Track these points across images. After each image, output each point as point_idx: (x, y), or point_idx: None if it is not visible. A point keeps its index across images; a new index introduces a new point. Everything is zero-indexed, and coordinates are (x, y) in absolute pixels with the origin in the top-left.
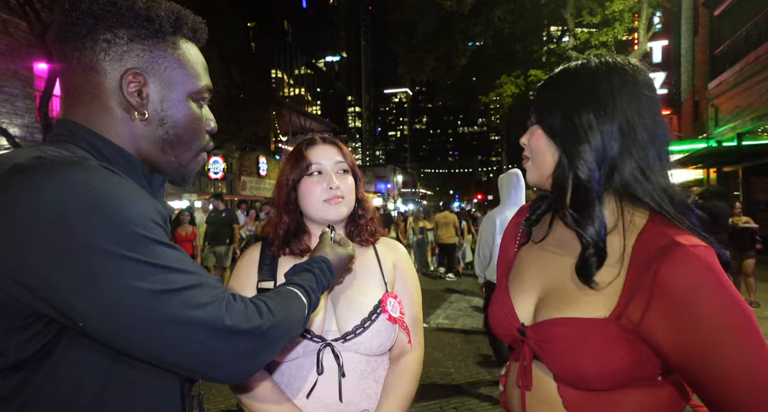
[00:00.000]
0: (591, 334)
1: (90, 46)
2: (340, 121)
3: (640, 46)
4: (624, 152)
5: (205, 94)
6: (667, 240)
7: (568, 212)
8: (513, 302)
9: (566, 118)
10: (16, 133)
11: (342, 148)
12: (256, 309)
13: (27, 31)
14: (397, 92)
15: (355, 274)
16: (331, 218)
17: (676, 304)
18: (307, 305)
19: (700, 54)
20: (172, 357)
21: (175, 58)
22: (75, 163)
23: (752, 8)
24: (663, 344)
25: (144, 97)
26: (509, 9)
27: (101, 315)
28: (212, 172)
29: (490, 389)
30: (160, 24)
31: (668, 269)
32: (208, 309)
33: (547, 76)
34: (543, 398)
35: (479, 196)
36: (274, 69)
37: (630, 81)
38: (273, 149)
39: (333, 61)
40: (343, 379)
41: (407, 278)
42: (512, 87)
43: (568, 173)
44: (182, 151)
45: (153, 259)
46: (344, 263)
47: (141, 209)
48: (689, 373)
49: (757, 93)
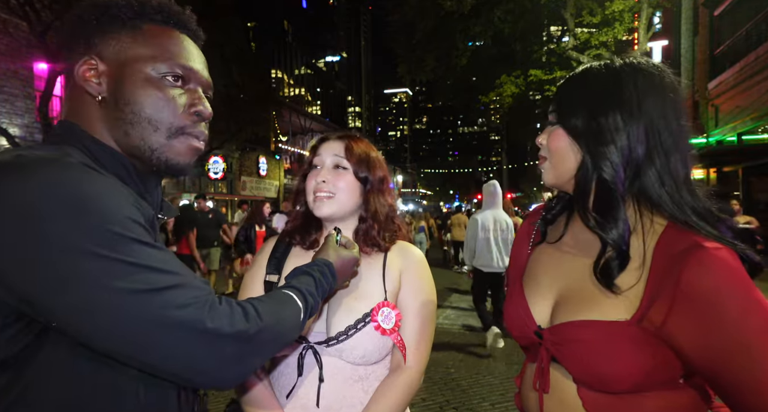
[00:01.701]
0: (612, 336)
1: (73, 48)
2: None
3: (640, 46)
4: (647, 156)
5: (176, 70)
6: (688, 243)
7: (590, 214)
8: (529, 304)
9: (591, 119)
10: (16, 133)
11: (350, 145)
12: (243, 312)
13: (27, 31)
14: (397, 92)
15: (357, 278)
16: (318, 215)
17: (700, 307)
18: (303, 309)
19: (700, 54)
20: (152, 360)
21: (130, 38)
22: (53, 162)
23: (752, 8)
24: (686, 346)
25: (101, 83)
26: (509, 9)
27: (78, 315)
28: (212, 172)
29: (490, 389)
30: (118, 10)
31: (691, 272)
32: (188, 311)
33: (568, 76)
34: (562, 400)
35: (479, 196)
36: (274, 69)
37: (656, 83)
38: (273, 149)
39: (333, 61)
40: (322, 384)
41: (416, 289)
42: (512, 87)
43: (592, 175)
44: (147, 133)
45: (130, 258)
46: (348, 266)
47: (117, 207)
48: (713, 376)
49: (757, 93)
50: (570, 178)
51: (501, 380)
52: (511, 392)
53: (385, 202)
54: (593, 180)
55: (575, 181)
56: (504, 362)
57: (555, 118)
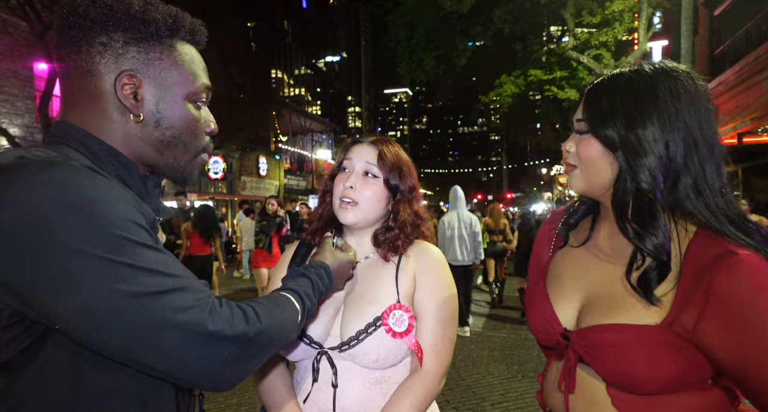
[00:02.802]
0: (643, 340)
1: (86, 49)
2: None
3: (640, 46)
4: (685, 166)
5: (203, 95)
6: (719, 249)
7: (630, 225)
8: (553, 306)
9: (628, 130)
10: (16, 133)
11: (384, 152)
12: (243, 315)
13: (27, 31)
14: (397, 92)
15: (370, 281)
16: (342, 222)
17: (731, 312)
18: (301, 311)
19: (700, 54)
20: (153, 362)
21: (172, 60)
22: (56, 164)
23: (752, 8)
24: (717, 350)
25: (139, 99)
26: (509, 9)
27: (79, 317)
28: (212, 172)
29: (490, 389)
30: (156, 27)
31: (723, 278)
32: (189, 313)
33: (596, 83)
34: (589, 398)
35: (479, 196)
36: (274, 69)
37: (690, 91)
38: (273, 149)
39: (333, 61)
40: (339, 389)
41: (433, 290)
42: (512, 87)
43: (630, 186)
44: (180, 153)
45: (133, 261)
46: (345, 268)
47: (121, 210)
48: (743, 378)
49: (757, 93)
50: (603, 187)
51: (501, 380)
52: (511, 392)
53: (413, 211)
54: (632, 191)
55: (613, 192)
56: (504, 362)
57: (586, 126)
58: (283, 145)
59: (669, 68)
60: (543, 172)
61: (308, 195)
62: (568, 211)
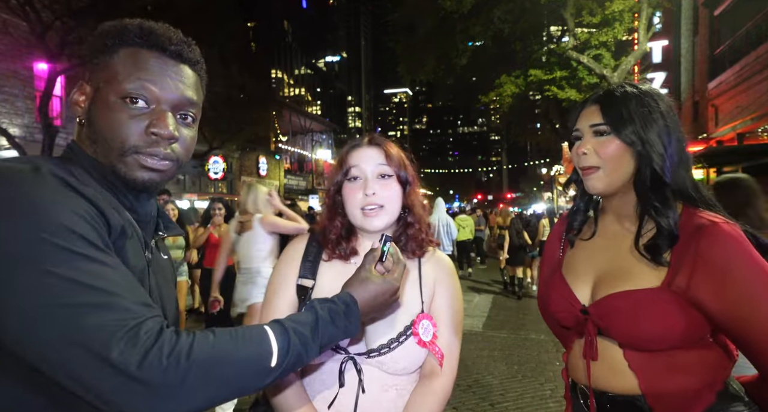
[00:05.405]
0: (648, 301)
1: (79, 75)
2: (340, 121)
3: (640, 46)
4: (678, 157)
5: (133, 94)
6: (702, 220)
7: (653, 204)
8: (572, 289)
9: (647, 130)
10: (16, 134)
11: (388, 150)
12: (170, 351)
13: (27, 31)
14: (397, 92)
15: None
16: (372, 229)
17: (715, 269)
18: (277, 353)
19: (700, 54)
20: (59, 377)
21: (105, 64)
22: (18, 172)
23: (752, 8)
24: (707, 304)
25: (83, 105)
26: (509, 9)
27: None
28: (212, 173)
29: (490, 389)
30: (105, 39)
31: (707, 242)
32: (97, 334)
33: (606, 94)
34: (610, 366)
35: (479, 196)
36: (274, 69)
37: (670, 105)
38: (273, 149)
39: (333, 61)
40: (362, 394)
41: (450, 299)
42: (512, 87)
43: (648, 173)
44: (104, 149)
45: (53, 267)
46: (381, 299)
47: (56, 214)
48: (732, 326)
49: (757, 93)
50: (622, 182)
51: (501, 380)
52: (511, 392)
53: (420, 197)
54: (649, 177)
55: (635, 181)
56: (504, 362)
57: (608, 129)
58: (283, 145)
59: (652, 91)
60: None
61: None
62: (570, 220)
